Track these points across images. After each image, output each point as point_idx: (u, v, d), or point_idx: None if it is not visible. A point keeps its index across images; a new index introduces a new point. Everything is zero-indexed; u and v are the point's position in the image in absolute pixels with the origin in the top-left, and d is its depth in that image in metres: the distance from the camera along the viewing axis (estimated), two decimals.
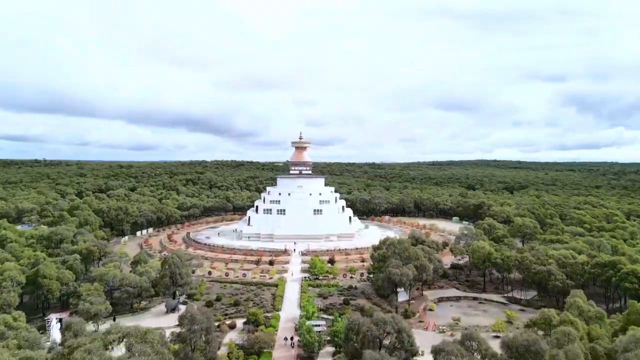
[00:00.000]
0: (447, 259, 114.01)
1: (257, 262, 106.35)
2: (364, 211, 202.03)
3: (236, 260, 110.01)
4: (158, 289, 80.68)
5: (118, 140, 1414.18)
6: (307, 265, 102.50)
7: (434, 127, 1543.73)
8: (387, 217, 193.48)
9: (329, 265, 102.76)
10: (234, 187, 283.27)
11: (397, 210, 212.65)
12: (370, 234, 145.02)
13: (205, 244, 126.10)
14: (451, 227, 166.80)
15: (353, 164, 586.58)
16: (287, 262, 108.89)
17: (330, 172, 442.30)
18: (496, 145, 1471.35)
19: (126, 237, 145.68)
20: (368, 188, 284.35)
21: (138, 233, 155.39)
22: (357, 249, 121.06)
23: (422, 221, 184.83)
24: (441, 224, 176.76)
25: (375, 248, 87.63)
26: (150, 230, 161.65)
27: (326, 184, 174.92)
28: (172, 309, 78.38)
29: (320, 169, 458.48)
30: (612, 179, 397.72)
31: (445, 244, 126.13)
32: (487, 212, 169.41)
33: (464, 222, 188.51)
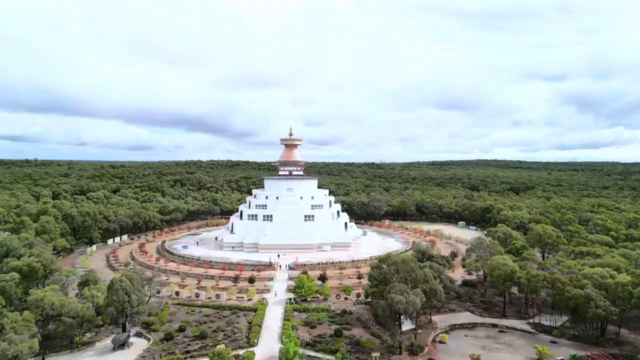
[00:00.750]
0: (457, 274, 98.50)
1: (235, 280, 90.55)
2: (362, 215, 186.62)
3: (212, 276, 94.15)
4: (104, 318, 65.05)
5: (116, 141, 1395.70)
6: (293, 284, 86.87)
7: (433, 126, 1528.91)
8: (387, 222, 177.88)
9: (319, 283, 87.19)
10: (224, 188, 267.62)
11: (398, 214, 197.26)
12: (369, 242, 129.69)
13: (179, 256, 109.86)
14: (458, 233, 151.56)
15: (352, 163, 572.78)
16: (271, 279, 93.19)
17: (329, 172, 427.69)
18: (495, 145, 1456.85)
19: (93, 247, 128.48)
20: (367, 189, 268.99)
21: (110, 241, 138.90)
22: (353, 261, 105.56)
23: (425, 226, 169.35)
24: (447, 229, 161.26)
25: (374, 267, 72.04)
26: (125, 237, 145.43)
27: (320, 186, 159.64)
28: (120, 345, 62.75)
29: (318, 169, 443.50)
30: (618, 179, 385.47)
31: (454, 255, 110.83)
32: (496, 217, 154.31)
33: (470, 227, 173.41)
